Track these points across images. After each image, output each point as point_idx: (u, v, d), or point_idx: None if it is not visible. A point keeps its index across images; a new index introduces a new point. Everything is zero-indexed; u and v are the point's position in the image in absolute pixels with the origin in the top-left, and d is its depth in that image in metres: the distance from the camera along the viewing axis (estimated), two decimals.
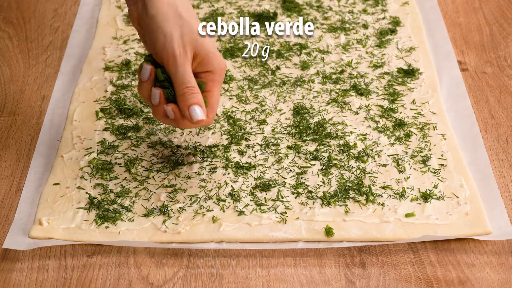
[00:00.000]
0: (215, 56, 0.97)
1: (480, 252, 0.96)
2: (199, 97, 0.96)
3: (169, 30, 0.95)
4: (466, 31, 1.35)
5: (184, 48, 0.95)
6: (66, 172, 1.06)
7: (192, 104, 0.95)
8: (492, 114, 1.16)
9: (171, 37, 0.95)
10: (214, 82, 0.97)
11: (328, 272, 0.93)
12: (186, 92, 0.95)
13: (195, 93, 0.95)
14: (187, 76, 0.95)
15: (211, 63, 0.96)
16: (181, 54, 0.95)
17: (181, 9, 0.96)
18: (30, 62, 1.28)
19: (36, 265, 0.94)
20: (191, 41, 0.95)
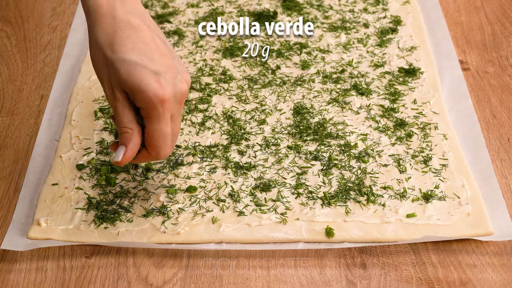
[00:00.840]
0: (140, 93, 0.90)
1: (481, 253, 0.96)
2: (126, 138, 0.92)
3: (99, 73, 0.92)
4: (468, 30, 1.35)
5: (111, 91, 0.91)
6: (65, 172, 1.06)
7: (120, 144, 0.93)
8: (494, 114, 1.16)
9: (102, 80, 0.92)
10: (147, 118, 0.92)
11: (328, 273, 0.93)
12: (119, 132, 0.93)
13: (123, 133, 0.92)
14: (118, 117, 0.92)
15: (138, 100, 0.91)
16: (110, 97, 0.92)
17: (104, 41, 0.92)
18: (29, 62, 1.28)
19: (34, 266, 0.94)
20: (117, 81, 0.90)
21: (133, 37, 0.91)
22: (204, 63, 1.26)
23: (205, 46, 1.30)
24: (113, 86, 0.91)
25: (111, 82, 0.91)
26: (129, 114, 0.92)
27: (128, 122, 0.92)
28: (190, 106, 1.17)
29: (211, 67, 1.25)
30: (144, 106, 0.90)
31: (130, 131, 0.92)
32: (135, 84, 0.89)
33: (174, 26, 1.35)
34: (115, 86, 0.91)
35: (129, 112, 0.92)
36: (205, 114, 1.16)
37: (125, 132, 0.92)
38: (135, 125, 0.92)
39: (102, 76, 0.92)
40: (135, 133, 0.92)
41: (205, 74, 1.24)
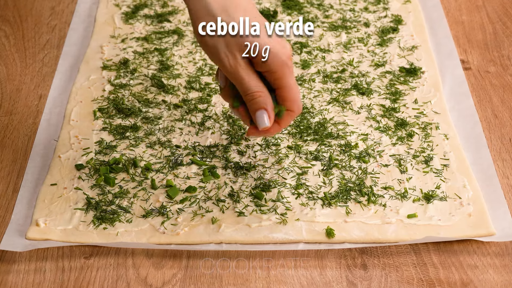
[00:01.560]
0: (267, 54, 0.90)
1: (483, 254, 0.96)
2: (262, 101, 0.91)
3: (213, 42, 0.91)
4: (469, 29, 1.35)
5: (234, 56, 0.90)
6: (64, 172, 1.06)
7: (256, 110, 0.92)
8: (496, 114, 1.16)
9: (217, 49, 0.90)
10: (278, 79, 0.91)
11: (329, 274, 0.93)
12: (247, 100, 0.92)
13: (256, 98, 0.91)
14: (244, 84, 0.91)
15: (266, 64, 0.90)
16: (231, 64, 0.90)
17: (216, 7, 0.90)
18: (27, 61, 1.28)
19: (33, 266, 0.94)
20: (238, 46, 0.90)
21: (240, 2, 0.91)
22: (204, 63, 1.26)
23: None
24: (233, 52, 0.90)
25: (231, 50, 0.90)
26: (255, 78, 0.91)
27: (257, 86, 0.91)
28: (189, 106, 1.17)
29: (211, 66, 1.25)
30: (274, 67, 0.90)
31: (262, 94, 0.91)
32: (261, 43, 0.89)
33: (173, 25, 1.35)
34: (236, 52, 0.90)
35: (254, 76, 0.91)
36: (204, 114, 1.16)
37: (258, 96, 0.91)
38: (264, 88, 0.91)
39: (218, 46, 0.90)
40: (267, 94, 0.91)
41: (204, 73, 1.24)
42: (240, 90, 0.92)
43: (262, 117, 0.92)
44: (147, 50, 1.29)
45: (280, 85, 0.92)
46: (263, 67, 0.91)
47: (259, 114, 0.92)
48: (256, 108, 0.92)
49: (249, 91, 0.91)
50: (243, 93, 0.92)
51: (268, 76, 0.92)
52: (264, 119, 0.92)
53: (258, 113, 0.92)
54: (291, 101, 0.93)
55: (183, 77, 1.23)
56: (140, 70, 1.25)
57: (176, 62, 1.26)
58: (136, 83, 1.22)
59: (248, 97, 0.91)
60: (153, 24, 1.36)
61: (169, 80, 1.22)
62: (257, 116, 0.92)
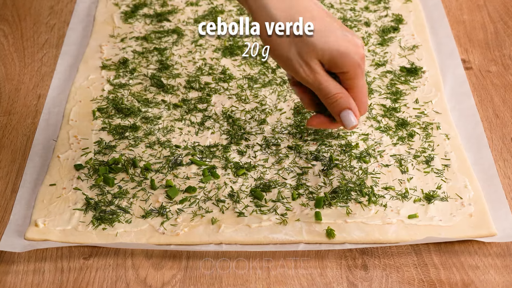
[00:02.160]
0: (341, 56, 0.91)
1: (484, 254, 0.96)
2: (345, 101, 0.93)
3: (286, 54, 0.92)
4: (470, 28, 1.35)
5: (307, 64, 0.91)
6: (63, 172, 1.06)
7: (340, 111, 0.93)
8: (497, 114, 1.16)
9: (289, 60, 0.91)
10: (350, 80, 0.93)
11: (329, 275, 0.93)
12: (328, 103, 0.93)
13: (337, 99, 0.92)
14: (323, 89, 0.92)
15: (339, 66, 0.91)
16: (306, 72, 0.91)
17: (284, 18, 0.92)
18: (26, 61, 1.28)
19: (32, 267, 0.94)
20: (310, 53, 0.91)
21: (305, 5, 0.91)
22: (204, 62, 1.26)
23: (204, 45, 1.30)
24: (308, 61, 0.91)
25: (304, 58, 0.91)
26: (332, 81, 0.93)
27: (336, 88, 0.93)
28: (189, 105, 1.17)
29: (211, 66, 1.25)
30: (348, 68, 0.91)
31: (343, 95, 0.93)
32: (334, 50, 0.90)
33: (173, 24, 1.35)
34: (310, 60, 0.91)
35: (329, 77, 0.93)
36: (204, 114, 1.16)
37: (340, 97, 0.92)
38: (341, 87, 0.93)
39: (289, 55, 0.91)
40: (347, 93, 0.93)
41: (204, 73, 1.24)
42: (320, 95, 0.93)
43: (348, 117, 0.93)
44: (147, 49, 1.29)
45: (351, 86, 0.93)
46: (336, 68, 0.92)
47: (345, 114, 0.93)
48: (340, 110, 0.93)
49: (330, 94, 0.92)
50: (323, 97, 0.93)
51: (341, 76, 0.93)
52: (351, 118, 0.94)
53: (343, 114, 0.93)
54: (360, 102, 0.95)
55: (182, 77, 1.23)
56: (139, 70, 1.25)
57: (176, 62, 1.26)
58: (136, 83, 1.22)
59: (329, 100, 0.93)
60: (152, 24, 1.36)
61: (168, 79, 1.22)
62: (343, 117, 0.93)
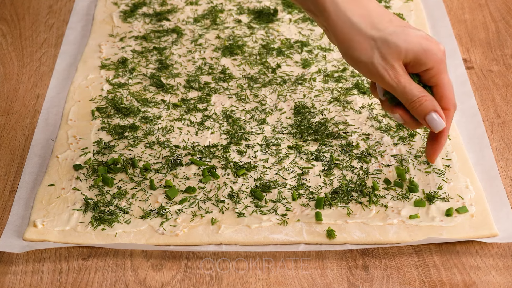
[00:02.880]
0: (425, 53, 0.91)
1: (486, 255, 0.96)
2: (430, 104, 0.92)
3: (368, 59, 0.91)
4: (472, 28, 1.35)
5: (392, 67, 0.91)
6: (61, 172, 1.06)
7: (426, 114, 0.93)
8: (498, 114, 1.16)
9: (373, 65, 0.91)
10: (435, 76, 0.93)
11: (330, 275, 0.93)
12: (413, 107, 0.93)
13: (423, 102, 0.92)
14: (407, 93, 0.92)
15: (424, 62, 0.91)
16: (391, 76, 0.91)
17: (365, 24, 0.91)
18: (24, 60, 1.28)
19: (30, 268, 0.94)
20: (394, 56, 0.91)
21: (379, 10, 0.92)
22: (203, 62, 1.26)
23: (204, 45, 1.30)
24: (391, 63, 0.90)
25: (386, 61, 0.90)
26: (415, 84, 0.92)
27: (419, 90, 0.92)
28: (188, 105, 1.17)
29: (210, 65, 1.25)
30: (432, 64, 0.91)
31: (428, 97, 0.92)
32: (417, 49, 0.90)
33: (172, 24, 1.35)
34: (394, 62, 0.90)
35: (414, 82, 0.92)
36: (204, 114, 1.16)
37: (425, 100, 0.92)
38: (425, 91, 0.93)
39: (373, 61, 0.91)
40: (431, 95, 0.93)
41: (204, 73, 1.24)
42: (405, 99, 0.93)
43: (435, 119, 0.93)
44: (146, 49, 1.29)
45: (436, 83, 0.93)
46: (421, 66, 0.92)
47: (432, 117, 0.93)
48: (426, 113, 0.93)
49: (415, 97, 0.92)
50: (408, 101, 0.92)
51: (425, 74, 0.93)
52: (438, 120, 0.93)
53: (430, 117, 0.93)
54: (448, 99, 0.94)
55: (182, 76, 1.23)
56: (138, 69, 1.25)
57: (175, 61, 1.26)
58: (135, 83, 1.22)
59: (414, 104, 0.92)
60: (152, 23, 1.36)
61: (168, 79, 1.22)
62: (430, 120, 0.93)
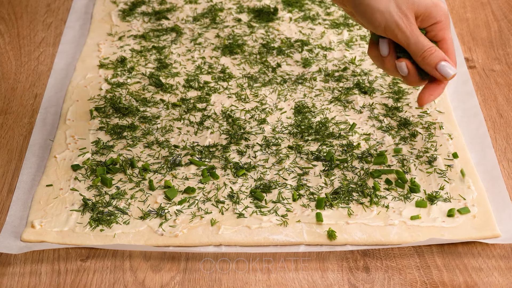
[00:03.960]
0: (435, 6, 0.97)
1: (488, 256, 0.96)
2: (440, 53, 0.97)
3: (385, 8, 0.96)
4: (474, 27, 1.35)
5: (406, 16, 0.96)
6: (60, 173, 1.06)
7: (437, 63, 0.96)
8: (501, 113, 1.16)
9: (390, 13, 0.96)
10: (442, 30, 0.98)
11: (330, 277, 0.93)
12: (425, 56, 0.97)
13: (434, 52, 0.96)
14: (420, 42, 0.96)
15: (433, 15, 0.97)
16: (406, 24, 0.96)
17: None
18: (22, 59, 1.28)
19: (28, 269, 0.94)
20: (408, 6, 0.96)
21: None
22: (203, 61, 1.26)
23: (203, 44, 1.30)
24: (406, 13, 0.95)
25: (401, 10, 0.95)
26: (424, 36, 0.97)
27: (429, 42, 0.97)
28: (188, 105, 1.17)
29: (210, 65, 1.25)
30: (441, 17, 0.97)
31: (436, 48, 0.97)
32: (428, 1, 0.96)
33: (171, 22, 1.35)
34: (408, 12, 0.96)
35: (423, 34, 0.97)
36: (203, 113, 1.16)
37: (435, 50, 0.97)
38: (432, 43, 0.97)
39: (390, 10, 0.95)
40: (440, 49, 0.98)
41: (203, 72, 1.24)
42: (415, 49, 0.97)
43: (446, 67, 0.97)
44: (145, 48, 1.29)
45: (443, 37, 0.98)
46: (430, 19, 0.97)
47: (443, 65, 0.97)
48: (436, 62, 0.97)
49: (425, 47, 0.96)
50: (419, 51, 0.97)
51: (432, 29, 0.98)
52: (449, 68, 0.97)
53: (441, 65, 0.97)
54: (451, 55, 0.99)
55: (181, 76, 1.23)
56: (137, 69, 1.25)
57: (175, 61, 1.26)
58: (134, 82, 1.22)
59: (425, 53, 0.97)
60: (151, 22, 1.36)
61: (167, 78, 1.22)
62: (442, 68, 0.97)
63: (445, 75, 0.97)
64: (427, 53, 0.96)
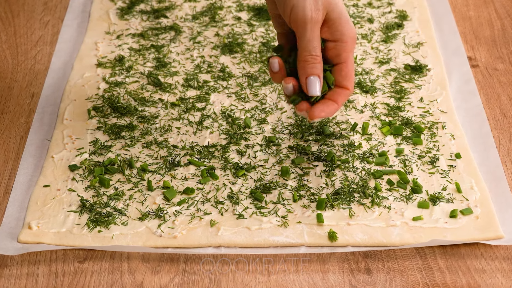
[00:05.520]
0: (347, 21, 0.93)
1: (491, 258, 0.96)
2: (320, 68, 0.94)
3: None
4: (477, 25, 1.35)
5: (317, 10, 0.92)
6: (57, 173, 1.06)
7: (311, 74, 0.94)
8: (504, 113, 1.16)
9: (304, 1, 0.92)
10: (346, 52, 0.95)
11: (331, 279, 0.93)
12: (308, 60, 0.93)
13: (316, 63, 0.93)
14: (314, 42, 0.93)
15: (341, 29, 0.93)
16: (313, 18, 0.92)
17: None
18: (19, 58, 1.28)
19: (25, 271, 0.94)
20: (325, 2, 0.92)
21: None
22: (202, 60, 1.26)
23: (203, 42, 1.30)
24: (319, 6, 0.92)
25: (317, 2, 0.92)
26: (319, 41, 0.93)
27: (319, 49, 0.93)
28: (187, 104, 1.17)
29: (209, 64, 1.25)
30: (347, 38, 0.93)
31: (319, 59, 0.93)
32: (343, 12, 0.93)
33: (170, 21, 1.35)
34: (321, 7, 0.92)
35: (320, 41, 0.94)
36: (203, 113, 1.16)
37: (317, 61, 0.93)
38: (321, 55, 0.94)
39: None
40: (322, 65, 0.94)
41: (203, 71, 1.24)
42: (304, 49, 0.93)
43: (316, 83, 0.94)
44: (143, 46, 1.29)
45: (345, 59, 0.95)
46: (337, 33, 0.93)
47: (314, 80, 0.94)
48: (312, 73, 0.94)
49: (314, 52, 0.93)
50: (306, 52, 0.93)
51: (336, 47, 0.94)
52: (317, 85, 0.94)
53: (313, 78, 0.94)
54: (350, 78, 0.96)
55: (180, 75, 1.23)
56: (136, 68, 1.25)
57: (174, 59, 1.26)
58: (132, 81, 1.22)
59: (310, 58, 0.93)
60: (149, 20, 1.36)
61: (166, 78, 1.22)
62: (312, 81, 0.94)
63: (308, 89, 0.94)
64: (311, 58, 0.93)
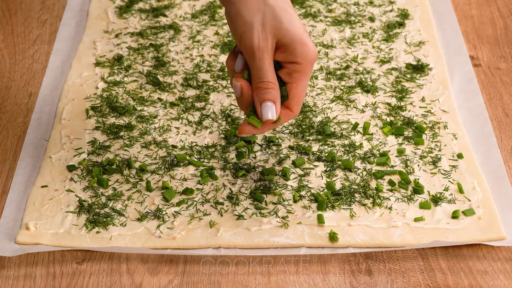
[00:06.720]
0: (302, 45, 0.92)
1: (493, 259, 0.96)
2: (275, 93, 0.93)
3: (249, 17, 0.92)
4: (479, 24, 1.35)
5: (265, 38, 0.91)
6: (55, 173, 1.06)
7: (265, 100, 0.93)
8: (507, 112, 1.16)
9: (251, 26, 0.92)
10: (299, 73, 0.94)
11: (332, 280, 0.93)
12: (260, 87, 0.93)
13: (269, 88, 0.93)
14: (264, 70, 0.92)
15: (295, 54, 0.92)
16: (260, 46, 0.92)
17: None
18: (17, 57, 1.28)
19: (22, 272, 0.94)
20: (273, 29, 0.91)
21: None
22: (201, 59, 1.26)
23: (202, 41, 1.30)
24: (267, 34, 0.91)
25: (265, 30, 0.91)
26: (272, 68, 0.93)
27: (273, 76, 0.93)
28: (186, 104, 1.17)
29: (209, 63, 1.25)
30: (303, 60, 0.92)
31: (276, 87, 0.93)
32: (297, 36, 0.91)
33: (169, 20, 1.35)
34: (270, 35, 0.91)
35: (272, 66, 0.93)
36: (202, 113, 1.16)
37: (271, 87, 0.93)
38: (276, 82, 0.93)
39: (253, 22, 0.92)
40: (278, 89, 0.93)
41: (202, 70, 1.24)
42: (255, 76, 0.93)
43: (270, 108, 0.93)
44: (142, 46, 1.29)
45: (296, 80, 0.94)
46: (292, 56, 0.92)
47: (268, 105, 0.93)
48: (266, 99, 0.93)
49: (266, 79, 0.93)
50: (258, 79, 0.93)
51: (289, 68, 0.93)
52: (271, 111, 0.94)
53: (268, 104, 0.93)
54: (298, 100, 0.95)
55: (179, 74, 1.23)
56: (134, 67, 1.25)
57: (173, 59, 1.26)
58: (131, 80, 1.22)
59: (262, 84, 0.93)
60: (148, 19, 1.36)
61: (165, 77, 1.22)
62: (265, 107, 0.93)
63: (263, 115, 0.93)
64: (263, 85, 0.93)
